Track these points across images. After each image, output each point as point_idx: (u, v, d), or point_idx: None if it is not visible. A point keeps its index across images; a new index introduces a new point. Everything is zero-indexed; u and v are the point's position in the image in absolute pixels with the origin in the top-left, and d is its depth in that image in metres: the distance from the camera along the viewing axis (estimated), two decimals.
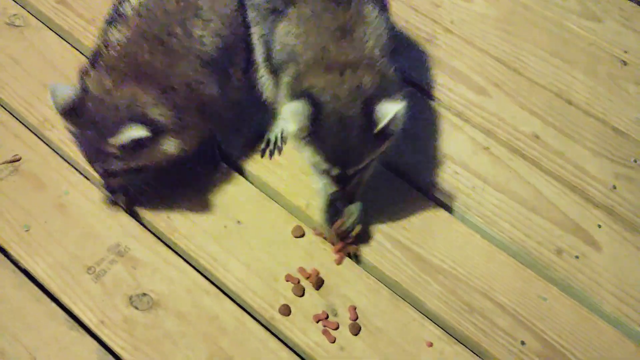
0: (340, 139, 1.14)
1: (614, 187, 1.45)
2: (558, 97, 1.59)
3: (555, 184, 1.45)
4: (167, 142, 1.22)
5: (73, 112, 1.18)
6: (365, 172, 1.23)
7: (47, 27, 1.61)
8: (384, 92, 1.16)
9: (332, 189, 1.23)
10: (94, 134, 1.17)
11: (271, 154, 1.44)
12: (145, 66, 1.20)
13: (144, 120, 1.17)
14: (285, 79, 1.24)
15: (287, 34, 1.25)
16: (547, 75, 1.62)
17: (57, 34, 1.60)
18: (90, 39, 1.56)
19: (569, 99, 1.59)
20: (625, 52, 1.69)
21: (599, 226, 1.40)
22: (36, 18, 1.62)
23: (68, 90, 1.19)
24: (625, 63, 1.67)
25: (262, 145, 1.44)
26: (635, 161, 1.50)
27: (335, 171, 1.18)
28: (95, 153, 1.20)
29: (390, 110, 1.12)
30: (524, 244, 1.37)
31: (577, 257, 1.36)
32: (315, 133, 1.14)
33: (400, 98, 1.15)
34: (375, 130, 1.14)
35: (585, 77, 1.63)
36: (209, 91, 1.27)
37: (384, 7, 1.31)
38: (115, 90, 1.18)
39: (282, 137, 1.45)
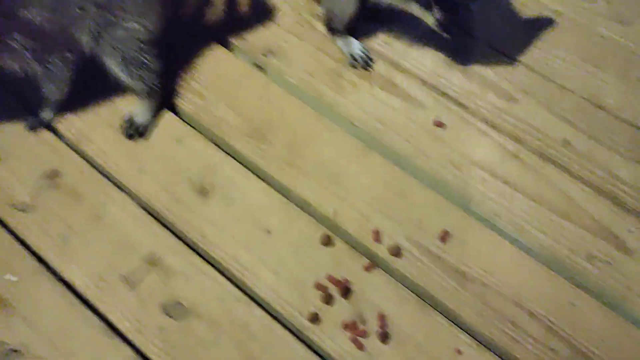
0: None
1: None
2: (588, 102, 1.57)
3: (586, 189, 1.44)
4: None
5: None
6: None
7: None
8: None
9: (441, 20, 1.41)
10: None
11: (366, 64, 1.59)
12: None
13: None
14: None
15: None
16: (576, 80, 1.61)
17: None
18: None
19: (599, 104, 1.57)
20: None
21: (630, 231, 1.38)
22: None
23: None
24: None
25: (351, 62, 1.60)
26: None
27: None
28: None
29: None
30: (555, 251, 1.36)
31: (608, 262, 1.34)
32: None
33: None
34: None
35: (615, 81, 1.61)
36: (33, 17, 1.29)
37: None
38: None
39: (365, 53, 1.60)
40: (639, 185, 1.44)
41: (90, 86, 1.53)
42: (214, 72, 1.61)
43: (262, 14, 1.71)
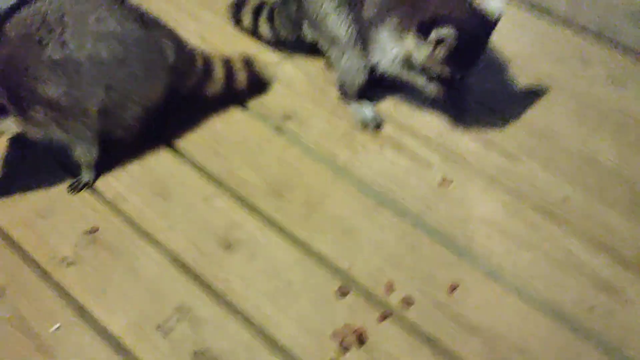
0: (468, 53, 1.43)
1: None
2: (587, 161, 1.68)
3: (587, 244, 1.53)
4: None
5: None
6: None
7: None
8: None
9: (442, 92, 1.55)
10: None
11: (376, 127, 1.73)
12: None
13: None
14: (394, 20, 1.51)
15: None
16: (575, 141, 1.72)
17: None
18: None
19: (598, 164, 1.68)
20: None
21: (629, 283, 1.46)
22: None
23: None
24: None
25: (362, 126, 1.74)
26: None
27: (459, 76, 1.46)
28: None
29: (496, 8, 1.43)
30: (558, 302, 1.44)
31: (608, 313, 1.42)
32: (449, 54, 1.42)
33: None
34: (495, 18, 1.43)
35: (613, 141, 1.72)
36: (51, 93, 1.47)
37: None
38: None
39: (375, 116, 1.74)
40: (637, 239, 1.54)
41: (122, 147, 1.69)
42: (238, 136, 1.76)
43: (280, 82, 1.87)
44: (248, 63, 1.81)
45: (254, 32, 1.95)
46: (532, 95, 1.82)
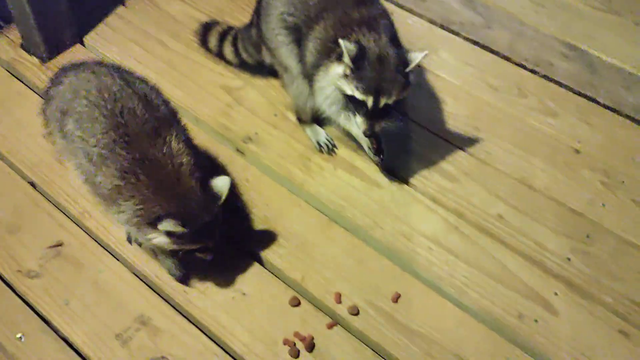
0: (376, 72, 1.54)
1: (569, 259, 1.67)
2: (521, 183, 1.84)
3: (518, 258, 1.67)
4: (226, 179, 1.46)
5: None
6: (389, 118, 1.63)
7: None
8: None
9: (365, 125, 1.60)
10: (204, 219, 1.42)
11: (330, 149, 1.87)
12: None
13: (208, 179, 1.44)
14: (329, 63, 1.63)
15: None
16: (510, 164, 1.88)
17: None
18: None
19: (530, 185, 1.84)
20: (579, 142, 1.95)
21: (556, 294, 1.60)
22: None
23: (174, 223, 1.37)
24: (578, 152, 1.93)
25: (318, 148, 1.87)
26: (588, 236, 1.72)
27: (370, 101, 1.55)
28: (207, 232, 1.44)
29: (419, 55, 1.56)
30: (490, 310, 1.57)
31: (536, 321, 1.56)
32: (358, 68, 1.54)
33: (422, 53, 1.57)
34: (408, 69, 1.55)
35: (544, 164, 1.89)
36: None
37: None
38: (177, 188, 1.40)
39: (329, 140, 1.87)
40: (564, 254, 1.69)
41: None
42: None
43: (243, 105, 2.00)
44: None
45: (219, 55, 2.08)
46: (473, 122, 1.98)
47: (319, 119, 1.90)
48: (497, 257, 1.67)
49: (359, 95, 1.56)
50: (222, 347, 1.50)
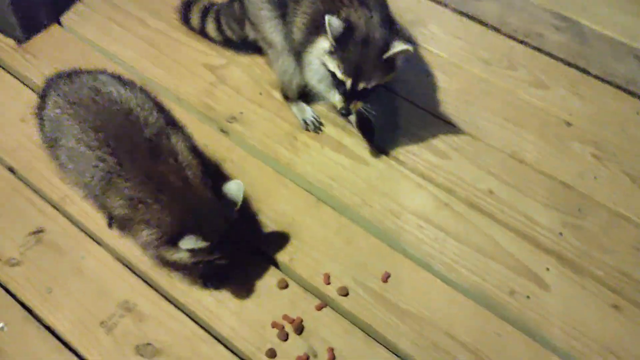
0: (359, 55, 1.48)
1: (561, 234, 1.64)
2: (511, 157, 1.81)
3: (509, 233, 1.65)
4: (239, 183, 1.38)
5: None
6: (367, 96, 1.57)
7: None
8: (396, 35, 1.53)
9: (341, 104, 1.57)
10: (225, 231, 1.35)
11: (316, 127, 1.81)
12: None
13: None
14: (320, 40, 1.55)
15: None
16: (501, 139, 1.85)
17: None
18: None
19: (521, 159, 1.81)
20: (570, 114, 1.92)
21: (547, 269, 1.58)
22: None
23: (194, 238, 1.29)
24: (569, 124, 1.89)
25: (304, 126, 1.82)
26: (579, 210, 1.70)
27: (348, 83, 1.51)
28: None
29: (402, 46, 1.47)
30: (481, 287, 1.55)
31: (528, 297, 1.54)
32: (342, 48, 1.48)
33: (411, 44, 1.49)
34: (385, 56, 1.48)
35: (535, 138, 1.86)
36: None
37: None
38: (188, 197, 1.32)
39: (315, 118, 1.82)
40: (555, 228, 1.66)
41: None
42: None
43: (227, 84, 1.94)
44: None
45: (202, 32, 2.01)
46: (463, 96, 1.94)
47: (305, 96, 1.86)
48: (488, 233, 1.64)
49: (339, 74, 1.52)
50: (209, 332, 1.48)
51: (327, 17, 1.47)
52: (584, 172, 1.78)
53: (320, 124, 1.84)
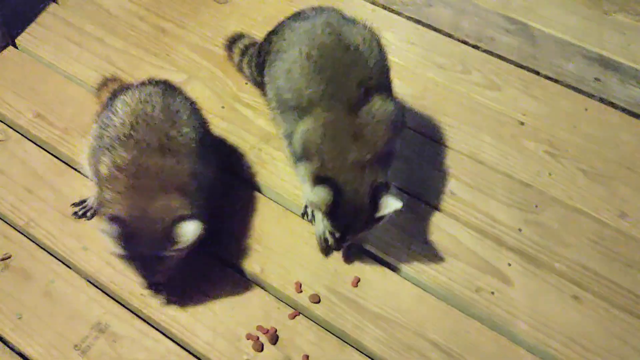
0: (349, 219, 1.44)
1: (520, 230, 1.71)
2: (470, 158, 1.87)
3: (472, 232, 1.71)
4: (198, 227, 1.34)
5: (120, 242, 1.31)
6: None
7: (27, 138, 1.85)
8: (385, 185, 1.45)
9: (330, 241, 1.55)
10: (144, 251, 1.33)
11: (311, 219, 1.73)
12: (161, 174, 1.38)
13: (185, 218, 1.32)
14: (309, 167, 1.50)
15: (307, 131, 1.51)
16: (459, 141, 1.91)
17: (36, 144, 1.84)
18: (65, 147, 1.81)
19: (479, 159, 1.87)
20: (524, 114, 1.99)
21: (509, 264, 1.65)
22: (15, 131, 1.86)
23: (112, 228, 1.30)
24: (523, 124, 1.97)
25: (302, 211, 1.70)
26: (537, 207, 1.77)
27: (337, 234, 1.48)
28: (147, 265, 1.36)
29: (393, 206, 1.41)
30: (448, 287, 1.60)
31: (492, 293, 1.60)
32: (332, 211, 1.41)
33: (401, 198, 1.42)
34: (377, 215, 1.43)
35: (491, 139, 1.92)
36: (209, 174, 1.51)
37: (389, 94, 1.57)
38: (149, 208, 1.34)
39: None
40: (515, 225, 1.73)
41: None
42: None
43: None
44: None
45: (239, 68, 2.01)
46: (419, 101, 2.00)
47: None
48: (451, 233, 1.70)
49: (328, 226, 1.51)
50: (184, 348, 1.48)
51: (314, 193, 1.41)
52: (540, 170, 1.85)
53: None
